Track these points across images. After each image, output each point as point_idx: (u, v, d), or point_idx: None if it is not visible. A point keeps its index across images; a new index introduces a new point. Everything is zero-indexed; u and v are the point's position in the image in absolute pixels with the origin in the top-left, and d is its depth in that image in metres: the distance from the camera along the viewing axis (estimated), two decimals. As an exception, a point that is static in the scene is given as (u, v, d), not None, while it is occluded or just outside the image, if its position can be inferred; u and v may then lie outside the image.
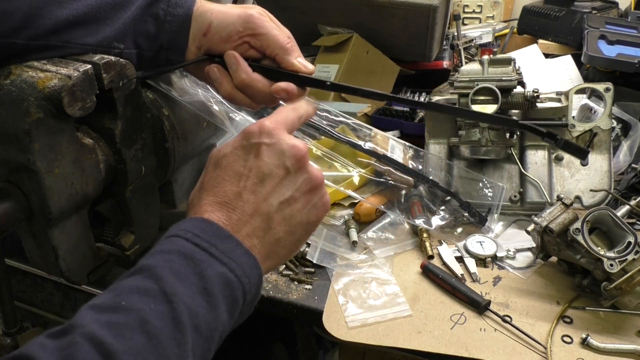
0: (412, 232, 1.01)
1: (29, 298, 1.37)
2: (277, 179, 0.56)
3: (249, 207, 0.54)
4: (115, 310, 0.44)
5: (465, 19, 1.75)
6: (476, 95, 0.99)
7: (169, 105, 0.85)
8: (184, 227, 0.53)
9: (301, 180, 0.57)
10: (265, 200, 0.55)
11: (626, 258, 0.78)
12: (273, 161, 0.56)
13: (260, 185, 0.55)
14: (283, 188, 0.56)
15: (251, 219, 0.54)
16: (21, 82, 0.64)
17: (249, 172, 0.56)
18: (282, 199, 0.56)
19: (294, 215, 0.57)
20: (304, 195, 0.57)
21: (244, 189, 0.55)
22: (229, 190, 0.55)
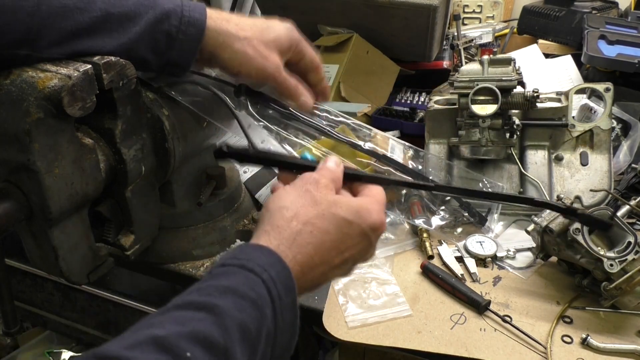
0: (412, 232, 1.01)
1: (29, 298, 1.37)
2: (352, 265, 0.62)
3: (323, 275, 0.58)
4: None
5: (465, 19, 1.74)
6: (476, 95, 0.99)
7: (169, 105, 0.85)
8: (261, 262, 0.51)
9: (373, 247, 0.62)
10: (338, 267, 0.60)
11: (626, 258, 0.78)
12: (360, 259, 0.61)
13: (343, 264, 0.60)
14: (357, 256, 0.61)
15: (314, 279, 0.58)
16: (21, 82, 0.64)
17: (343, 251, 0.59)
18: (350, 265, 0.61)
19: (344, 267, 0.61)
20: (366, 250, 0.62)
21: (331, 263, 0.58)
22: (324, 258, 0.57)
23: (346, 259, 0.59)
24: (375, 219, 0.59)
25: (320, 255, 0.56)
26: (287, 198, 0.58)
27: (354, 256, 0.60)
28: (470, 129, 1.02)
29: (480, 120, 0.99)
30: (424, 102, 1.36)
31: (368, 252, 0.61)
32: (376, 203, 0.61)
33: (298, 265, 0.55)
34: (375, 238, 0.61)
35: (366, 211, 0.59)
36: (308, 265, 0.56)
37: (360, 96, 1.34)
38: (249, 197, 1.06)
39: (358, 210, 0.59)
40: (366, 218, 0.59)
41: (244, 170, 1.09)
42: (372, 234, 0.60)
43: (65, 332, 1.38)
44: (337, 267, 0.59)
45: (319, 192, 0.59)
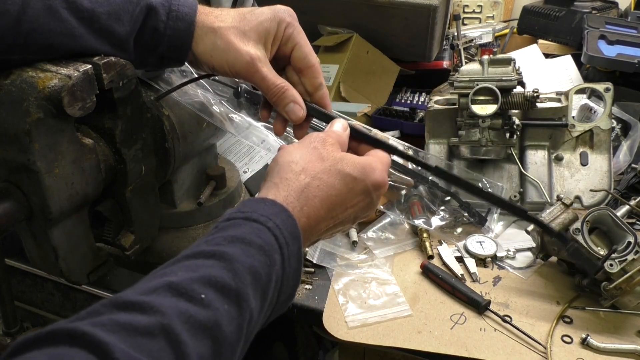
0: (412, 232, 1.01)
1: (29, 298, 1.37)
2: (357, 212, 0.63)
3: (325, 226, 0.60)
4: (194, 302, 0.43)
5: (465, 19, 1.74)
6: (476, 95, 0.99)
7: (169, 105, 0.85)
8: (266, 213, 0.53)
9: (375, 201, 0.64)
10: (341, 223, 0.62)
11: (626, 258, 0.78)
12: (362, 215, 0.64)
13: (345, 218, 0.61)
14: (359, 212, 0.63)
15: (318, 230, 0.60)
16: (21, 82, 0.64)
17: (349, 213, 0.61)
18: (352, 215, 0.62)
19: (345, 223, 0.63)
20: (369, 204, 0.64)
21: (334, 217, 0.60)
22: (330, 211, 0.59)
23: (349, 215, 0.61)
24: (378, 176, 0.61)
25: (326, 209, 0.58)
26: (296, 153, 0.60)
27: (356, 212, 0.61)
28: (470, 129, 1.02)
29: (480, 120, 0.99)
30: (424, 102, 1.36)
31: (369, 210, 0.63)
32: (380, 163, 0.63)
33: (305, 217, 0.56)
34: (377, 197, 0.63)
35: (370, 169, 0.61)
36: (315, 217, 0.57)
37: (360, 96, 1.33)
38: (249, 197, 1.06)
39: (363, 167, 0.60)
40: (370, 175, 0.61)
41: (244, 170, 1.09)
42: (374, 192, 0.61)
43: (65, 332, 1.38)
44: (340, 222, 0.61)
45: (325, 150, 0.60)
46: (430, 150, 1.10)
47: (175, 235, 0.95)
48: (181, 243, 0.96)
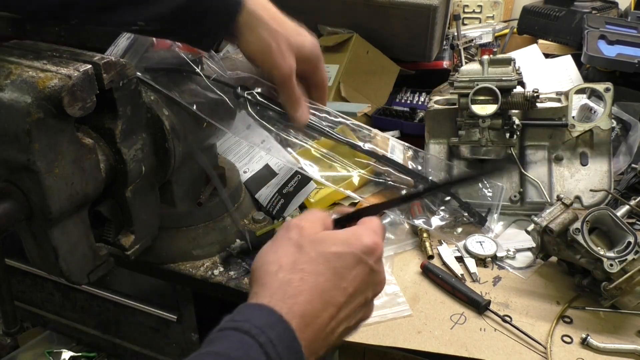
0: (412, 232, 1.01)
1: (29, 298, 1.37)
2: (357, 304, 0.55)
3: (327, 321, 0.52)
4: None
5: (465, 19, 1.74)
6: (476, 95, 0.99)
7: (169, 105, 0.85)
8: (259, 323, 0.46)
9: (372, 291, 0.57)
10: (344, 315, 0.54)
11: (626, 258, 0.78)
12: (366, 288, 0.55)
13: (345, 305, 0.53)
14: (355, 315, 0.56)
15: (320, 335, 0.51)
16: (21, 82, 0.64)
17: (346, 287, 0.53)
18: (348, 325, 0.55)
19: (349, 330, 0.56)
20: (367, 307, 0.57)
21: (334, 302, 0.52)
22: (323, 297, 0.51)
23: (352, 294, 0.53)
24: (366, 241, 0.55)
25: (319, 299, 0.51)
26: (269, 253, 0.54)
27: (360, 288, 0.54)
28: (470, 129, 1.02)
29: (480, 120, 0.99)
30: (424, 102, 1.36)
31: (373, 279, 0.56)
32: (365, 229, 0.57)
33: (298, 317, 0.49)
34: (375, 261, 0.56)
35: (355, 237, 0.55)
36: (310, 314, 0.50)
37: (360, 96, 1.34)
38: (249, 197, 1.06)
39: (346, 240, 0.55)
40: (356, 244, 0.55)
41: (244, 170, 1.09)
42: (368, 258, 0.55)
43: (65, 332, 1.38)
44: (345, 306, 0.53)
45: (301, 237, 0.55)
46: (430, 150, 1.10)
47: (175, 235, 0.95)
48: (181, 243, 0.96)
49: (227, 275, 0.93)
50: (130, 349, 1.27)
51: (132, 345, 1.26)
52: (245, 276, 0.93)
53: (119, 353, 1.31)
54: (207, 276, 0.93)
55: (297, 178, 1.05)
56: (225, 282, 0.92)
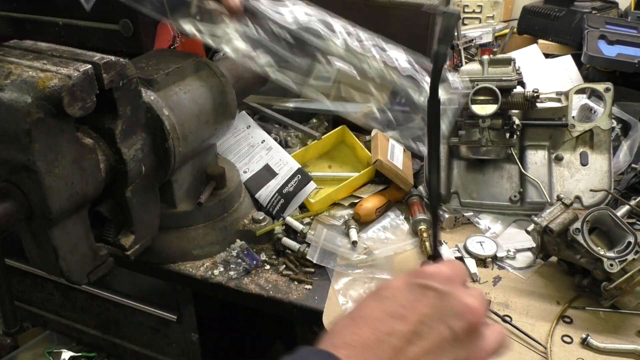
0: (412, 232, 1.01)
1: (29, 298, 1.37)
2: (436, 337, 0.44)
3: (395, 356, 0.43)
4: None
5: (465, 19, 1.74)
6: (476, 95, 0.99)
7: (169, 105, 0.85)
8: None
9: (464, 350, 0.45)
10: (415, 355, 0.44)
11: (626, 258, 0.78)
12: (436, 313, 0.45)
13: (414, 335, 0.44)
14: (440, 350, 0.45)
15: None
16: (21, 82, 0.64)
17: (406, 315, 0.45)
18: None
19: None
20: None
21: (396, 333, 0.44)
22: (380, 329, 0.44)
23: (418, 322, 0.45)
24: (421, 269, 0.49)
25: (373, 331, 0.44)
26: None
27: (427, 313, 0.45)
28: (470, 129, 1.02)
29: (480, 120, 0.99)
30: (424, 102, 1.36)
31: (445, 303, 0.46)
32: (449, 265, 0.50)
33: (346, 348, 0.44)
34: (444, 284, 0.47)
35: (432, 267, 0.49)
36: (360, 342, 0.44)
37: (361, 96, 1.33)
38: (249, 197, 1.06)
39: (423, 268, 0.50)
40: (410, 273, 0.48)
41: (244, 170, 1.09)
42: (428, 280, 0.47)
43: (65, 332, 1.38)
44: (416, 336, 0.44)
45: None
46: (430, 150, 1.10)
47: (175, 235, 0.95)
48: (181, 243, 0.96)
49: (227, 275, 0.93)
50: (130, 349, 1.27)
51: (132, 345, 1.26)
52: (245, 276, 0.93)
53: (119, 353, 1.31)
54: (207, 276, 0.93)
55: (297, 178, 1.05)
56: (225, 282, 0.92)
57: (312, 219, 1.04)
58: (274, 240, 0.98)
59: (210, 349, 1.17)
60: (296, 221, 1.00)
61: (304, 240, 0.98)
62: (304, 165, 1.14)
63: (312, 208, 1.05)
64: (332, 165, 1.18)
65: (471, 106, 0.98)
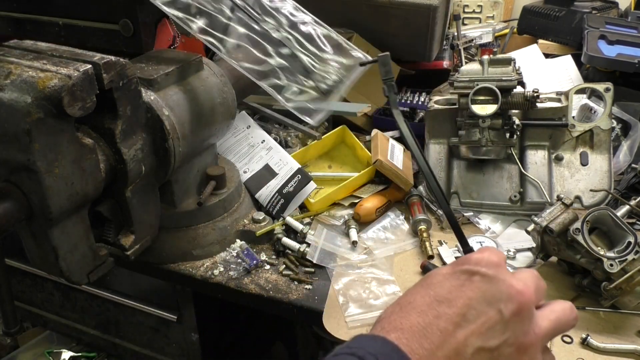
0: (412, 232, 1.01)
1: (29, 298, 1.37)
2: (484, 320, 0.44)
3: (443, 338, 0.44)
4: None
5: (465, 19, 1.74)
6: (476, 95, 0.99)
7: (169, 105, 0.85)
8: (373, 351, 0.43)
9: (514, 333, 0.45)
10: (464, 337, 0.44)
11: (626, 258, 0.78)
12: (484, 296, 0.45)
13: (461, 318, 0.44)
14: (489, 332, 0.44)
15: (443, 352, 0.44)
16: (21, 82, 0.64)
17: (453, 299, 0.46)
18: (483, 345, 0.44)
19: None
20: (512, 352, 0.45)
21: (443, 316, 0.45)
22: (428, 313, 0.45)
23: (464, 306, 0.45)
24: (466, 256, 0.49)
25: (417, 311, 0.45)
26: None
27: (473, 296, 0.45)
28: (470, 129, 1.02)
29: (480, 120, 0.99)
30: (424, 102, 1.36)
31: (490, 286, 0.46)
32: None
33: (396, 332, 0.44)
34: (490, 268, 0.47)
35: (478, 252, 0.49)
36: (409, 326, 0.45)
37: (360, 96, 1.33)
38: (249, 197, 1.06)
39: (469, 255, 0.49)
40: (473, 258, 0.48)
41: (244, 170, 1.09)
42: (470, 266, 0.47)
43: (65, 332, 1.38)
44: (463, 320, 0.44)
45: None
46: (430, 150, 1.10)
47: (175, 235, 0.95)
48: (181, 243, 0.96)
49: (227, 275, 0.93)
50: (130, 349, 1.27)
51: (132, 345, 1.26)
52: (245, 276, 0.93)
53: (119, 353, 1.31)
54: (207, 276, 0.93)
55: (297, 178, 1.05)
56: (225, 282, 0.92)
57: (312, 219, 1.04)
58: (274, 240, 0.98)
59: (210, 349, 1.17)
60: (296, 221, 1.00)
61: (304, 240, 0.98)
62: (304, 165, 1.14)
63: (312, 208, 1.05)
64: (332, 165, 1.18)
65: (471, 106, 0.98)
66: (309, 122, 0.89)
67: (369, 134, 1.18)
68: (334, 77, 0.92)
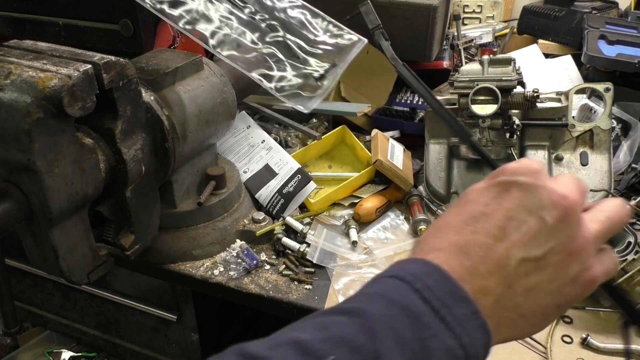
0: (412, 232, 1.01)
1: (29, 298, 1.37)
2: (526, 229, 0.42)
3: (484, 253, 0.42)
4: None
5: (465, 19, 1.74)
6: (476, 95, 0.99)
7: (169, 105, 0.85)
8: (413, 272, 0.41)
9: (560, 240, 0.42)
10: (505, 249, 0.42)
11: (626, 258, 0.78)
12: (523, 205, 0.42)
13: (501, 231, 0.42)
14: (532, 242, 0.42)
15: (485, 267, 0.42)
16: (21, 82, 0.64)
17: (490, 212, 0.43)
18: (526, 256, 0.42)
19: (539, 283, 0.43)
20: (560, 259, 0.43)
21: (481, 231, 0.42)
22: (464, 230, 0.43)
23: (503, 218, 0.42)
24: (500, 167, 0.45)
25: (454, 230, 0.43)
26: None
27: (511, 209, 0.42)
28: (470, 129, 1.02)
29: (480, 120, 0.99)
30: (424, 102, 1.36)
31: (530, 194, 0.42)
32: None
33: (434, 252, 0.43)
34: (528, 175, 0.43)
35: (516, 162, 0.46)
36: (447, 245, 0.43)
37: (360, 96, 1.33)
38: (249, 197, 1.06)
39: (505, 165, 0.46)
40: (508, 168, 0.45)
41: (244, 170, 1.09)
42: (507, 177, 0.44)
43: (65, 332, 1.38)
44: (499, 232, 0.42)
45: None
46: (430, 150, 1.10)
47: (175, 235, 0.95)
48: (181, 243, 0.96)
49: (227, 275, 0.93)
50: (130, 349, 1.27)
51: (132, 345, 1.26)
52: (245, 276, 0.93)
53: (119, 353, 1.31)
54: (207, 276, 0.93)
55: (297, 178, 1.05)
56: (225, 282, 0.92)
57: (312, 219, 1.04)
58: (274, 240, 0.98)
59: (210, 349, 1.17)
60: (296, 221, 1.00)
61: (304, 240, 0.98)
62: (304, 165, 1.14)
63: (312, 208, 1.05)
64: (332, 165, 1.18)
65: (471, 106, 0.98)
66: (302, 111, 0.87)
67: (369, 134, 1.18)
68: (327, 62, 0.90)
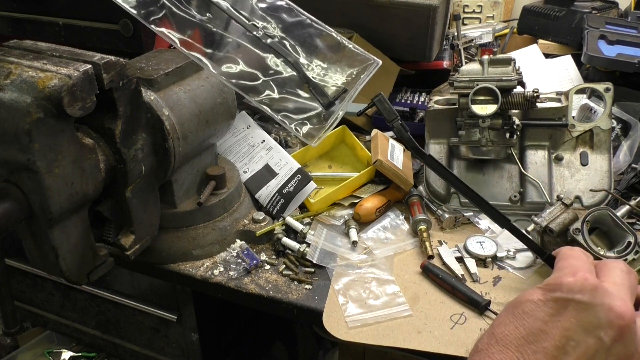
0: (412, 232, 1.01)
1: (29, 298, 1.37)
2: (584, 350, 0.43)
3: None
4: None
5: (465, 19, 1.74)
6: (476, 95, 0.99)
7: (169, 105, 0.85)
8: None
9: (618, 358, 0.44)
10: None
11: (626, 258, 0.78)
12: (581, 325, 0.44)
13: (560, 351, 0.43)
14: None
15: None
16: (21, 82, 0.64)
17: (549, 331, 0.44)
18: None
19: None
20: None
21: (541, 351, 0.44)
22: (525, 349, 0.44)
23: (561, 338, 0.44)
24: (556, 280, 0.46)
25: (513, 346, 0.45)
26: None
27: (570, 329, 0.44)
28: (470, 129, 1.02)
29: (480, 120, 0.99)
30: (424, 102, 1.36)
31: (587, 313, 0.44)
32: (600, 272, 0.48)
33: None
34: (583, 292, 0.45)
35: (572, 275, 0.46)
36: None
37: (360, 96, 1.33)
38: (249, 197, 1.06)
39: (563, 279, 0.47)
40: (568, 283, 0.46)
41: (244, 170, 1.09)
42: (564, 294, 0.45)
43: (65, 332, 1.38)
44: (558, 352, 0.44)
45: None
46: (430, 150, 1.10)
47: (175, 235, 0.95)
48: (181, 243, 0.96)
49: (227, 275, 0.93)
50: (130, 349, 1.27)
51: (132, 345, 1.26)
52: (245, 276, 0.93)
53: (119, 353, 1.31)
54: (207, 276, 0.93)
55: (297, 178, 1.06)
56: (225, 282, 0.92)
57: (312, 219, 1.04)
58: (274, 240, 0.98)
59: (210, 349, 1.17)
60: (296, 221, 1.00)
61: (304, 240, 0.98)
62: (304, 165, 1.14)
63: (312, 208, 1.05)
64: (332, 165, 1.18)
65: (471, 106, 0.98)
66: (308, 144, 0.86)
67: (369, 134, 1.18)
68: (336, 87, 0.88)
